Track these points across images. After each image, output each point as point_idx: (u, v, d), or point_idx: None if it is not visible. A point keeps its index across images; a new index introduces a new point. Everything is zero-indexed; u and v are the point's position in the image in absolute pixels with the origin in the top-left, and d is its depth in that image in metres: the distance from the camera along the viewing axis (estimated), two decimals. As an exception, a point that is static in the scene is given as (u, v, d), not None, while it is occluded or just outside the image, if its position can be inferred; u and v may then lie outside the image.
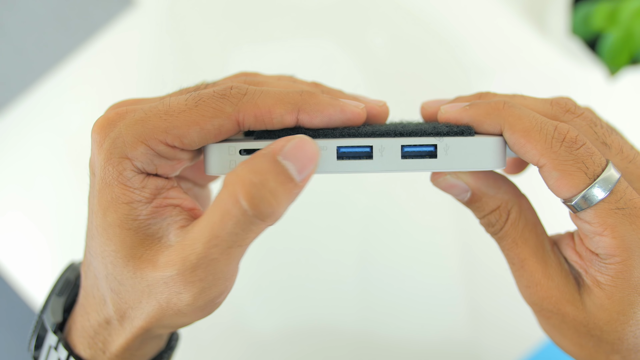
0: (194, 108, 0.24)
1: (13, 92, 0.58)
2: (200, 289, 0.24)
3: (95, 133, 0.25)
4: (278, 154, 0.23)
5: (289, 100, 0.25)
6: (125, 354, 0.27)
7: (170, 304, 0.25)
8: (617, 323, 0.25)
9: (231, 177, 0.23)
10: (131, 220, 0.25)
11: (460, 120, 0.26)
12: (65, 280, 0.31)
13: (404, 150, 0.25)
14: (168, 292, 0.24)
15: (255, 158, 0.23)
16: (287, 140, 0.24)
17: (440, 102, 0.30)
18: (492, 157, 0.26)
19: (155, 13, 0.59)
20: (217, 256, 0.23)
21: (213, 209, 0.23)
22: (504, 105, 0.25)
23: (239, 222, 0.23)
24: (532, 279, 0.27)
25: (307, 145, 0.24)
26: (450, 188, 0.28)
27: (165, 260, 0.24)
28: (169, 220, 0.25)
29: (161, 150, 0.24)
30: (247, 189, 0.22)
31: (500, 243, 0.28)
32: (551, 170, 0.24)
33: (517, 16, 0.59)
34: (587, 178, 0.24)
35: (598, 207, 0.24)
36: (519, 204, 0.27)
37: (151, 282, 0.24)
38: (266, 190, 0.22)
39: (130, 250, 0.25)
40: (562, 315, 0.26)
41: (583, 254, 0.26)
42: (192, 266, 0.23)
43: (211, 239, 0.23)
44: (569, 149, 0.24)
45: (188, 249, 0.23)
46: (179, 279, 0.24)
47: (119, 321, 0.26)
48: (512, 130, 0.25)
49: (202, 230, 0.23)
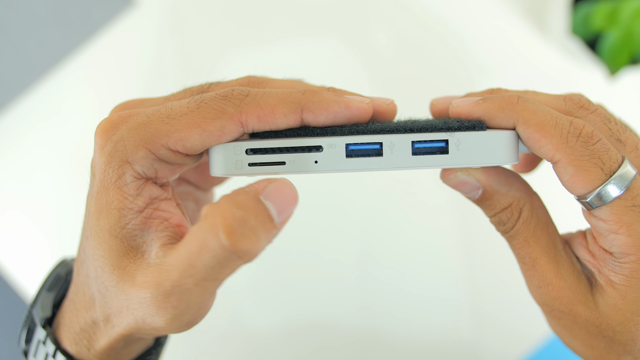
0: (196, 110, 0.24)
1: (13, 92, 0.58)
2: (172, 315, 0.24)
3: (98, 136, 0.25)
4: (260, 194, 0.23)
5: (292, 100, 0.24)
6: (110, 352, 0.28)
7: (145, 322, 0.24)
8: (630, 324, 0.25)
9: (212, 209, 0.22)
10: (120, 227, 0.24)
11: (473, 114, 0.26)
12: (56, 275, 0.31)
13: (414, 147, 0.25)
14: (142, 312, 0.24)
15: (238, 194, 0.23)
16: (269, 181, 0.23)
17: (451, 99, 0.29)
18: (505, 151, 0.25)
19: (155, 13, 0.59)
20: (191, 287, 0.23)
21: (192, 238, 0.23)
22: (518, 99, 0.25)
23: (216, 256, 0.22)
24: (544, 279, 0.26)
25: (287, 189, 0.23)
26: (461, 185, 0.27)
27: (142, 280, 0.23)
28: (153, 235, 0.25)
29: (163, 154, 0.24)
30: (228, 222, 0.22)
31: (511, 242, 0.27)
32: (566, 166, 0.24)
33: (517, 16, 0.59)
34: (604, 174, 0.23)
35: (614, 204, 0.24)
36: (530, 202, 0.27)
37: (129, 297, 0.24)
38: (247, 226, 0.22)
39: (116, 259, 0.24)
40: (573, 316, 0.26)
41: (596, 253, 0.26)
42: (166, 292, 0.23)
43: (187, 268, 0.22)
44: (585, 144, 0.23)
45: (164, 274, 0.23)
46: (152, 302, 0.23)
47: (104, 323, 0.27)
48: (526, 125, 0.24)
49: (179, 257, 0.23)
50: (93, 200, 0.25)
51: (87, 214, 0.26)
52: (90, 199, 0.26)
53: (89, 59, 0.59)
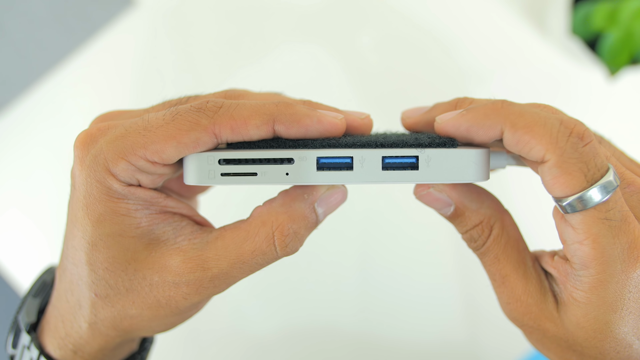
0: (171, 122, 0.24)
1: (13, 92, 0.58)
2: (210, 294, 0.27)
3: (77, 149, 0.26)
4: (316, 201, 0.26)
5: (265, 112, 0.25)
6: (97, 355, 0.28)
7: (170, 303, 0.26)
8: (595, 340, 0.25)
9: (270, 217, 0.26)
10: (134, 228, 0.26)
11: (460, 127, 0.25)
12: (42, 282, 0.32)
13: (384, 162, 0.25)
14: (175, 292, 0.26)
15: (294, 201, 0.26)
16: (326, 187, 0.27)
17: (420, 110, 0.29)
18: (475, 169, 0.25)
19: (155, 13, 0.59)
20: (237, 275, 0.26)
21: (245, 239, 0.26)
22: (502, 104, 0.24)
23: (268, 260, 0.26)
24: (513, 295, 0.27)
25: (341, 196, 0.27)
26: (434, 202, 0.28)
27: (181, 266, 0.26)
28: (174, 225, 0.27)
29: (141, 165, 0.25)
30: (283, 237, 0.26)
31: (482, 259, 0.28)
32: (552, 167, 0.23)
33: (517, 16, 0.59)
34: (585, 181, 0.23)
35: (586, 213, 0.23)
36: (501, 219, 0.27)
37: (157, 281, 0.26)
38: (297, 237, 0.26)
39: (132, 254, 0.26)
40: (543, 331, 0.26)
41: (560, 269, 0.26)
42: (212, 276, 0.26)
43: (237, 262, 0.26)
44: (575, 146, 0.23)
45: (211, 262, 0.26)
46: (195, 284, 0.26)
47: (94, 325, 0.27)
48: (514, 128, 0.23)
49: (228, 251, 0.26)
50: (81, 212, 0.26)
51: (72, 224, 0.27)
52: (75, 209, 0.26)
53: (89, 59, 0.59)
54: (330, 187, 0.27)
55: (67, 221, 0.27)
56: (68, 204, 0.27)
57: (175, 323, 0.29)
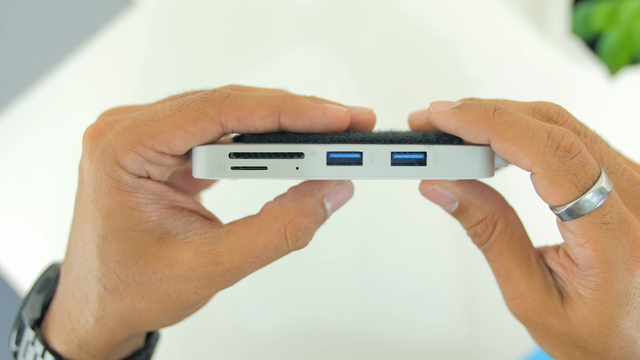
0: (178, 112, 0.24)
1: (13, 92, 0.58)
2: (220, 288, 0.27)
3: (86, 142, 0.26)
4: (325, 196, 0.27)
5: (270, 103, 0.25)
6: (103, 349, 0.28)
7: (180, 297, 0.26)
8: (600, 335, 0.25)
9: (282, 212, 0.26)
10: (144, 222, 0.26)
11: (449, 124, 0.25)
12: (46, 278, 0.32)
13: (393, 157, 0.25)
14: (186, 286, 0.26)
15: (304, 196, 0.27)
16: (334, 182, 0.27)
17: (425, 113, 0.29)
18: (481, 165, 0.25)
19: (155, 13, 0.59)
20: (248, 269, 0.27)
21: (257, 233, 0.26)
22: (495, 112, 0.24)
23: (279, 253, 0.27)
24: (517, 291, 0.27)
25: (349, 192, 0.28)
26: (439, 198, 0.28)
27: (193, 260, 0.26)
28: (184, 219, 0.27)
29: (150, 156, 0.25)
30: (295, 232, 0.26)
31: (486, 254, 0.28)
32: (541, 178, 0.23)
33: (517, 16, 0.59)
34: (577, 191, 0.23)
35: (583, 219, 0.23)
36: (505, 215, 0.27)
37: (168, 275, 0.26)
38: (308, 231, 0.27)
39: (143, 248, 0.26)
40: (547, 327, 0.26)
41: (566, 266, 0.26)
42: (224, 270, 0.26)
43: (249, 257, 0.26)
44: (562, 159, 0.23)
45: (224, 256, 0.26)
46: (207, 278, 0.26)
47: (101, 319, 0.27)
48: (502, 140, 0.24)
49: (240, 245, 0.26)
50: (90, 206, 0.26)
51: (80, 218, 0.27)
52: (84, 203, 0.26)
53: (89, 59, 0.59)
54: (338, 183, 0.27)
55: (75, 215, 0.27)
56: (75, 199, 0.28)
57: (183, 317, 0.29)
